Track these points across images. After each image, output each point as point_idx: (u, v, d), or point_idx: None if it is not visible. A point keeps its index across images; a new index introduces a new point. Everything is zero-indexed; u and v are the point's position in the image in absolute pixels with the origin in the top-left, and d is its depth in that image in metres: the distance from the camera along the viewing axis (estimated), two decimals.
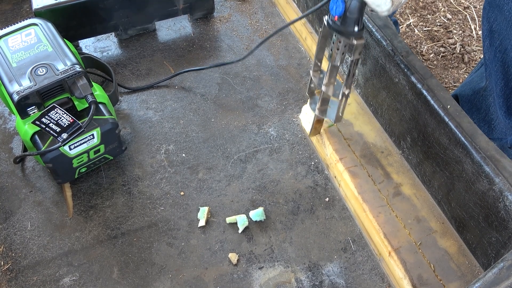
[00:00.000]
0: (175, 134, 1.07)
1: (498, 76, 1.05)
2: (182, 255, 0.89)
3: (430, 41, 1.76)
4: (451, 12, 1.86)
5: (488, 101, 1.13)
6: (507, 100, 1.06)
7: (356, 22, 0.78)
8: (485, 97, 1.14)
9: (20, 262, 0.88)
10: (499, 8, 0.96)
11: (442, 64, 1.68)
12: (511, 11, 0.94)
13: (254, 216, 0.93)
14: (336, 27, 0.79)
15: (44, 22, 0.98)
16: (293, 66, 1.21)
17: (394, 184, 0.94)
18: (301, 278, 0.86)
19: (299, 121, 1.09)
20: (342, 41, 0.81)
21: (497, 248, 0.77)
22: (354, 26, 0.78)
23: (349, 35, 0.79)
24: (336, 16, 0.78)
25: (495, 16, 0.99)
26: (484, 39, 1.05)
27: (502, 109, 1.07)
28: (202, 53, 1.23)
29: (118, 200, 0.96)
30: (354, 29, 0.78)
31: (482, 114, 1.16)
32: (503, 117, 1.09)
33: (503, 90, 1.05)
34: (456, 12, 1.87)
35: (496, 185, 0.74)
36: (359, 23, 0.78)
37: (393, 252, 0.85)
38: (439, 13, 1.86)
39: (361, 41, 0.80)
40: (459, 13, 1.87)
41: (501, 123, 1.12)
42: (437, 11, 1.87)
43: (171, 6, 1.24)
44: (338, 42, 0.82)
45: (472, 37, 1.79)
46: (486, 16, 1.03)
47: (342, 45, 0.82)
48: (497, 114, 1.11)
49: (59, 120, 0.86)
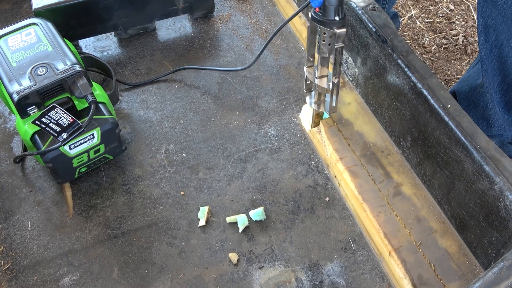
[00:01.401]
0: (175, 133, 1.07)
1: (494, 71, 1.04)
2: (182, 254, 0.89)
3: (432, 33, 1.73)
4: (454, 3, 1.84)
5: (485, 98, 1.13)
6: (505, 96, 1.05)
7: (336, 11, 0.81)
8: (483, 94, 1.13)
9: (20, 262, 0.88)
10: (493, 2, 0.96)
11: (445, 56, 1.66)
12: (505, 6, 0.94)
13: (254, 216, 0.93)
14: (318, 18, 0.83)
15: (44, 21, 0.98)
16: (293, 66, 1.21)
17: (394, 183, 0.94)
18: (301, 278, 0.86)
19: (299, 121, 1.09)
20: (327, 32, 0.84)
21: (497, 248, 0.77)
22: (334, 15, 0.81)
23: (330, 25, 0.82)
24: (317, 8, 0.81)
25: (490, 11, 0.99)
26: (480, 35, 1.05)
27: (501, 105, 1.07)
28: (202, 53, 1.23)
29: (118, 200, 0.96)
30: (334, 18, 0.81)
31: (480, 111, 1.16)
32: (502, 112, 1.08)
33: (500, 86, 1.05)
34: (458, 2, 1.84)
35: (496, 185, 0.74)
36: (339, 12, 0.81)
37: (393, 251, 0.85)
38: (442, 4, 1.83)
39: (342, 29, 0.82)
40: (461, 3, 1.83)
41: (499, 119, 1.12)
42: (439, 2, 1.84)
43: (171, 6, 1.23)
44: (323, 34, 0.84)
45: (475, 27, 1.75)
46: (480, 11, 1.02)
47: (327, 36, 0.84)
48: (495, 110, 1.11)
49: (59, 120, 0.86)
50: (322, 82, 0.91)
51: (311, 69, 0.95)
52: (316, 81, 0.92)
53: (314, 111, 1.00)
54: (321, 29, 0.84)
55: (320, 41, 0.86)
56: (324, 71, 0.91)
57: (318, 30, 0.86)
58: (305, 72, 0.95)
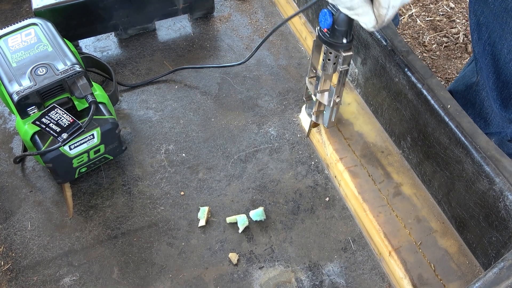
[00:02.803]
0: (175, 134, 1.07)
1: (489, 69, 1.04)
2: (182, 255, 0.89)
3: (433, 31, 1.73)
4: (454, 1, 1.83)
5: (481, 96, 1.13)
6: (501, 93, 1.05)
7: (345, 34, 0.79)
8: (478, 92, 1.13)
9: (20, 262, 0.88)
10: (484, 0, 0.96)
11: (445, 55, 1.66)
12: (495, 3, 0.94)
13: (254, 216, 0.93)
14: (325, 39, 0.81)
15: (44, 22, 0.98)
16: (293, 66, 1.21)
17: (394, 184, 0.94)
18: (301, 278, 0.86)
19: (299, 121, 1.09)
20: (333, 52, 0.83)
21: (497, 248, 0.77)
22: (342, 38, 0.80)
23: (337, 47, 0.81)
24: (325, 29, 0.80)
25: (481, 9, 0.99)
26: (472, 33, 1.05)
27: (497, 102, 1.07)
28: (202, 53, 1.23)
29: (118, 200, 0.96)
30: (342, 41, 0.80)
31: (477, 109, 1.16)
32: (499, 110, 1.08)
33: (495, 83, 1.05)
34: (459, 0, 1.83)
35: (496, 185, 0.74)
36: (347, 35, 0.80)
37: (393, 251, 0.85)
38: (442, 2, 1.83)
39: (349, 53, 0.82)
40: (462, 1, 1.82)
41: (497, 117, 1.12)
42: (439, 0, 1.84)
43: (171, 6, 1.23)
44: (329, 53, 0.84)
45: None
46: (472, 10, 1.02)
47: (332, 56, 0.84)
48: (492, 108, 1.11)
49: (59, 120, 0.86)
50: (323, 97, 0.92)
51: (312, 80, 0.95)
52: (317, 95, 0.92)
53: (311, 121, 1.01)
54: (327, 49, 0.83)
55: (325, 59, 0.85)
56: (326, 86, 0.91)
57: (324, 48, 0.84)
58: (306, 82, 0.95)
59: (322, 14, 0.78)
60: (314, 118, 0.98)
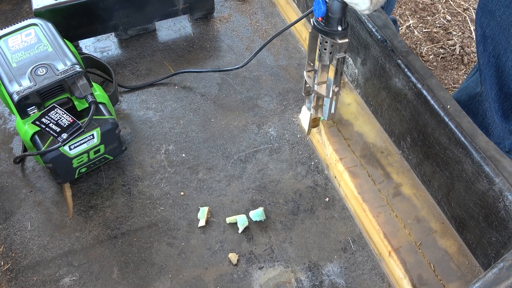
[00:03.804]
0: (175, 134, 1.07)
1: (492, 81, 1.05)
2: (182, 255, 0.89)
3: (430, 43, 1.76)
4: (451, 14, 1.87)
5: (484, 106, 1.13)
6: (503, 105, 1.06)
7: (339, 22, 0.79)
8: (481, 102, 1.14)
9: (20, 262, 0.88)
10: (491, 13, 0.97)
11: (442, 66, 1.68)
12: (502, 17, 0.94)
13: (254, 216, 0.93)
14: (320, 28, 0.81)
15: (44, 22, 0.98)
16: (293, 66, 1.21)
17: (394, 184, 0.94)
18: (301, 278, 0.86)
19: (299, 121, 1.09)
20: (328, 41, 0.83)
21: (497, 248, 0.77)
22: (337, 26, 0.80)
23: (333, 35, 0.81)
24: (320, 17, 0.80)
25: (488, 22, 1.00)
26: (478, 45, 1.06)
27: (498, 114, 1.08)
28: (202, 53, 1.23)
29: (118, 200, 0.96)
30: (337, 29, 0.80)
31: (479, 120, 1.16)
32: (500, 121, 1.09)
33: (498, 95, 1.06)
34: (455, 13, 1.87)
35: (496, 185, 0.74)
36: (342, 22, 0.80)
37: (393, 252, 0.85)
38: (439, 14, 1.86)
39: (345, 40, 0.81)
40: (458, 14, 1.87)
41: (498, 128, 1.12)
42: (436, 12, 1.88)
43: (171, 6, 1.24)
44: (325, 42, 0.84)
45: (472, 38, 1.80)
46: (479, 22, 1.03)
47: (328, 45, 0.83)
48: (493, 119, 1.12)
49: (59, 120, 0.86)
50: (321, 89, 0.91)
51: (311, 73, 0.95)
52: (315, 87, 0.91)
53: (311, 115, 1.01)
54: (323, 38, 0.83)
55: (321, 49, 0.85)
56: (324, 77, 0.90)
57: (319, 38, 0.85)
58: (304, 76, 0.95)
59: (315, 3, 0.78)
60: (314, 112, 0.97)
